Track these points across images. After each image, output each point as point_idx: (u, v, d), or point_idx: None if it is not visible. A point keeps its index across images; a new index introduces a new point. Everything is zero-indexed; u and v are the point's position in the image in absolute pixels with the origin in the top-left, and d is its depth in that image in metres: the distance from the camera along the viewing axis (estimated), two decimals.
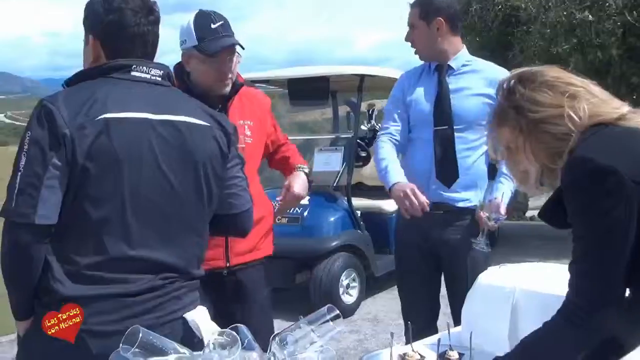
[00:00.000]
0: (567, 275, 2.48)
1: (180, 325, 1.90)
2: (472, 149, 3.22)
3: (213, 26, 2.66)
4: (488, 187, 3.04)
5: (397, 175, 3.17)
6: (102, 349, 1.72)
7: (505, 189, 3.10)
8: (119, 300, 1.80)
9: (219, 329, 1.56)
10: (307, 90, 7.20)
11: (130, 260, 1.83)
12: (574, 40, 9.57)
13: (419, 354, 2.28)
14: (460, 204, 3.19)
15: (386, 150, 3.30)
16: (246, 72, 9.01)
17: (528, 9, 10.09)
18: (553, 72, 1.90)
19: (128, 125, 1.85)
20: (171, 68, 2.21)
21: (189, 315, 1.91)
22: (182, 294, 1.94)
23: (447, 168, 3.20)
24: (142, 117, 1.88)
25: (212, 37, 2.65)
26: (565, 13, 9.57)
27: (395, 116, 3.40)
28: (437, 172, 3.21)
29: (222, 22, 2.70)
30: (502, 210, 3.01)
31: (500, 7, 10.63)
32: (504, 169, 3.14)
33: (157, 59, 2.11)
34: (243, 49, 2.77)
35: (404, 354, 2.28)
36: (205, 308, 2.00)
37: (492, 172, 3.29)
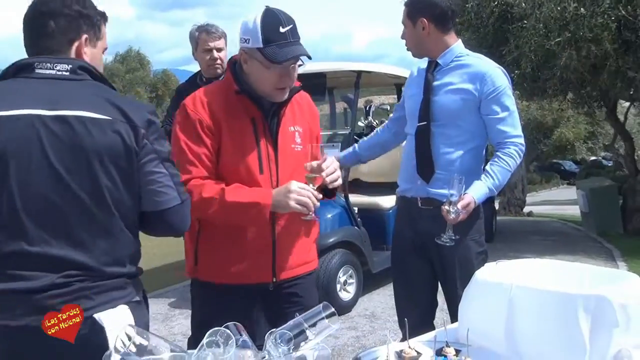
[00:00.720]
0: (563, 271, 2.49)
1: (88, 325, 1.82)
2: (454, 146, 3.20)
3: (282, 30, 2.44)
4: (460, 182, 2.95)
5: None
6: (6, 344, 1.76)
7: (481, 187, 3.10)
8: (22, 296, 1.78)
9: (132, 331, 1.48)
10: (304, 87, 7.21)
11: (29, 257, 1.82)
12: (567, 34, 9.58)
13: (416, 350, 2.27)
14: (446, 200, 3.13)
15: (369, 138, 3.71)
16: None
17: (522, 5, 10.10)
18: None
19: (16, 122, 1.85)
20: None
21: (98, 315, 1.84)
22: (94, 293, 1.88)
23: (424, 163, 3.23)
24: (33, 113, 1.86)
25: (280, 43, 2.43)
26: (558, 8, 9.58)
27: (398, 109, 3.65)
28: (417, 167, 3.26)
29: (292, 25, 2.48)
30: (462, 205, 2.95)
31: (495, 3, 10.65)
32: (487, 166, 3.18)
33: (156, 55, 2.11)
34: (310, 58, 2.58)
35: (401, 351, 2.27)
36: (125, 307, 1.91)
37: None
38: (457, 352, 2.19)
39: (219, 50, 4.57)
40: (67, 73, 1.95)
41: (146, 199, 2.02)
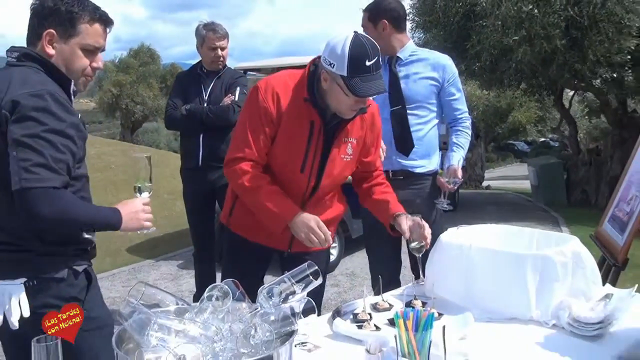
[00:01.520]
0: (515, 235, 2.50)
1: None
2: (424, 124, 3.35)
3: (368, 63, 2.22)
4: (444, 157, 3.21)
5: None
6: None
7: (459, 157, 3.28)
8: None
9: (142, 287, 1.46)
10: None
11: None
12: (522, 32, 9.57)
13: (388, 303, 2.28)
14: (418, 170, 3.33)
15: None
16: (241, 62, 9.00)
17: (483, 5, 10.07)
18: None
19: None
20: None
21: None
22: None
23: (404, 140, 3.32)
24: None
25: (364, 76, 2.22)
26: (515, 8, 9.55)
27: None
28: (396, 144, 3.32)
29: (377, 58, 2.25)
30: (459, 174, 3.17)
31: (460, 3, 10.60)
32: (454, 139, 3.37)
33: (165, 51, 2.02)
34: (386, 91, 2.50)
35: (375, 303, 2.28)
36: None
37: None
38: (424, 304, 2.20)
39: (223, 49, 4.53)
40: (15, 60, 1.94)
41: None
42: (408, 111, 3.31)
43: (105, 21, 2.03)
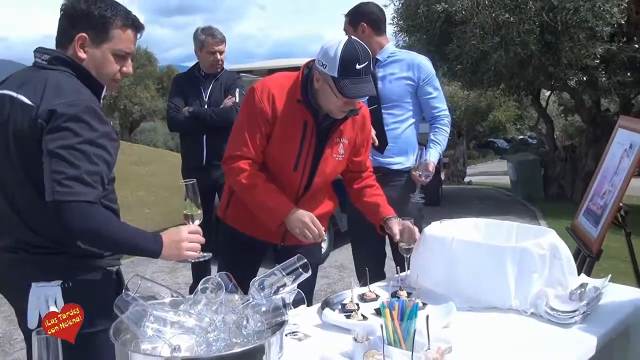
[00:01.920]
0: (495, 228, 2.50)
1: None
2: (400, 122, 3.34)
3: (358, 67, 2.21)
4: (419, 152, 3.18)
5: None
6: None
7: (434, 153, 3.27)
8: None
9: (139, 280, 1.44)
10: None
11: None
12: (498, 38, 9.61)
13: (375, 293, 2.28)
14: (394, 167, 3.32)
15: None
16: (235, 64, 9.00)
17: (462, 12, 10.10)
18: None
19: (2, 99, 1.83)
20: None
21: None
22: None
23: (379, 139, 3.28)
24: (5, 93, 1.82)
25: (353, 78, 2.22)
26: (492, 15, 9.59)
27: None
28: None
29: (367, 62, 2.24)
30: (431, 168, 3.17)
31: (441, 10, 10.61)
32: (432, 136, 3.35)
33: (161, 53, 1.96)
34: (375, 95, 2.53)
35: (363, 294, 2.28)
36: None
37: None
38: (409, 294, 2.20)
39: (221, 52, 4.52)
40: (45, 62, 1.85)
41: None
42: (384, 111, 3.30)
43: (137, 27, 1.95)
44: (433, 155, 3.23)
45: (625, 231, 3.25)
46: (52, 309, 1.76)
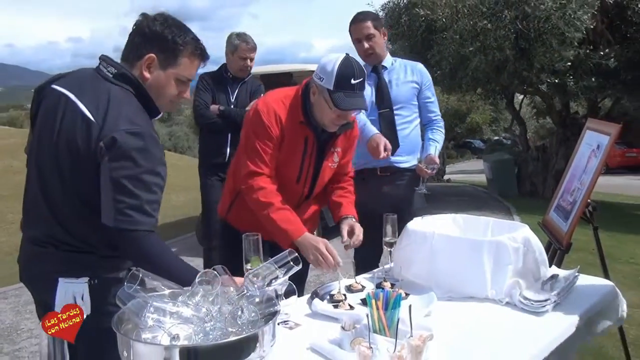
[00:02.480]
0: (473, 223, 2.51)
1: None
2: (408, 123, 3.33)
3: (353, 81, 2.22)
4: (423, 147, 3.20)
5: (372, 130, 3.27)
6: None
7: (436, 146, 3.29)
8: None
9: (139, 274, 1.40)
10: (275, 83, 7.27)
11: None
12: (477, 44, 9.66)
13: (361, 285, 2.28)
14: (403, 165, 3.29)
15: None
16: None
17: (443, 20, 10.13)
18: None
19: (53, 93, 1.80)
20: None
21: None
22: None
23: (390, 141, 3.21)
24: (63, 92, 1.77)
25: (347, 92, 2.23)
26: (471, 23, 9.64)
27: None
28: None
29: (362, 79, 2.26)
30: (436, 160, 3.16)
31: (422, 18, 10.64)
32: (430, 135, 3.36)
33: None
34: (367, 110, 2.52)
35: (350, 285, 2.28)
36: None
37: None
38: (392, 285, 2.21)
39: (252, 59, 4.55)
40: (111, 75, 1.78)
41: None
42: (395, 112, 3.29)
43: (204, 57, 1.90)
44: (434, 150, 3.25)
45: (593, 226, 3.27)
46: (79, 303, 1.72)
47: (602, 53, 9.89)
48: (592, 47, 10.14)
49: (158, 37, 1.78)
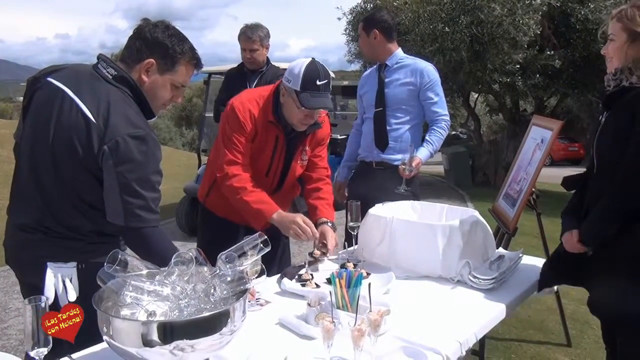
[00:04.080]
0: (429, 209, 2.53)
1: None
2: (402, 124, 3.24)
3: (318, 83, 2.24)
4: (410, 149, 3.04)
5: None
6: None
7: (425, 151, 3.16)
8: None
9: (117, 255, 1.37)
10: None
11: None
12: (436, 45, 9.74)
13: (311, 274, 2.26)
14: (395, 162, 3.18)
15: (349, 147, 3.58)
16: (208, 67, 8.83)
17: (405, 23, 10.18)
18: None
19: (50, 86, 1.75)
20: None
21: None
22: None
23: (380, 138, 3.27)
24: (60, 87, 1.73)
25: (312, 92, 2.24)
26: (431, 27, 9.71)
27: (359, 110, 3.55)
28: (375, 141, 3.29)
29: (327, 80, 2.26)
30: (415, 164, 3.03)
31: None
32: (427, 136, 3.25)
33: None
34: (332, 110, 2.41)
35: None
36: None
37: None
38: (355, 265, 2.22)
39: (252, 51, 4.32)
40: (110, 77, 1.74)
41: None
42: (389, 112, 3.23)
43: (198, 65, 1.89)
44: (422, 153, 3.13)
45: (537, 212, 3.35)
46: (68, 286, 1.71)
47: (548, 54, 10.06)
48: (539, 49, 10.31)
49: (159, 44, 1.76)
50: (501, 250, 2.53)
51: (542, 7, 9.58)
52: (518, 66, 9.87)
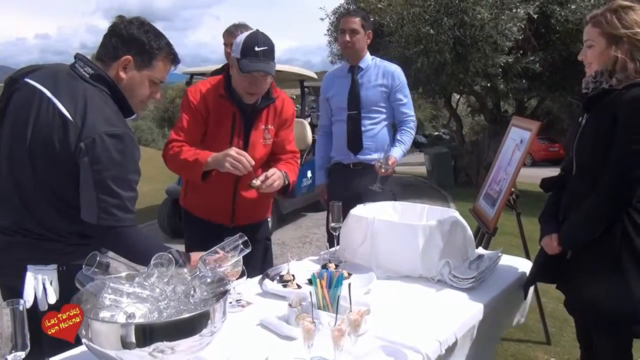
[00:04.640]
0: (411, 209, 2.55)
1: None
2: (376, 124, 3.31)
3: (257, 49, 2.28)
4: (386, 149, 3.11)
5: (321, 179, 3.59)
6: None
7: (399, 150, 3.24)
8: None
9: (97, 257, 1.36)
10: None
11: None
12: (420, 47, 9.79)
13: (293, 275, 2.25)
14: (373, 162, 3.16)
15: (321, 150, 3.60)
16: (191, 67, 8.78)
17: (390, 25, 10.22)
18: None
19: (27, 87, 1.75)
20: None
21: None
22: None
23: (354, 141, 3.30)
24: (39, 88, 1.72)
25: (252, 58, 2.28)
26: (415, 28, 9.76)
27: (324, 112, 3.55)
28: (348, 144, 3.33)
29: (266, 47, 2.30)
30: (391, 162, 3.07)
31: (372, 22, 10.70)
32: (398, 136, 3.32)
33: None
34: (273, 76, 2.42)
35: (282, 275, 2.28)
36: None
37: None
38: (337, 266, 2.23)
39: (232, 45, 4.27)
40: (87, 75, 1.73)
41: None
42: (362, 114, 3.27)
43: (175, 61, 1.88)
44: (396, 152, 3.19)
45: (516, 211, 3.39)
46: (48, 288, 1.69)
47: (530, 59, 10.17)
48: (520, 52, 10.42)
49: (135, 40, 1.76)
50: (481, 249, 2.56)
51: (525, 16, 9.70)
52: (500, 69, 9.96)
